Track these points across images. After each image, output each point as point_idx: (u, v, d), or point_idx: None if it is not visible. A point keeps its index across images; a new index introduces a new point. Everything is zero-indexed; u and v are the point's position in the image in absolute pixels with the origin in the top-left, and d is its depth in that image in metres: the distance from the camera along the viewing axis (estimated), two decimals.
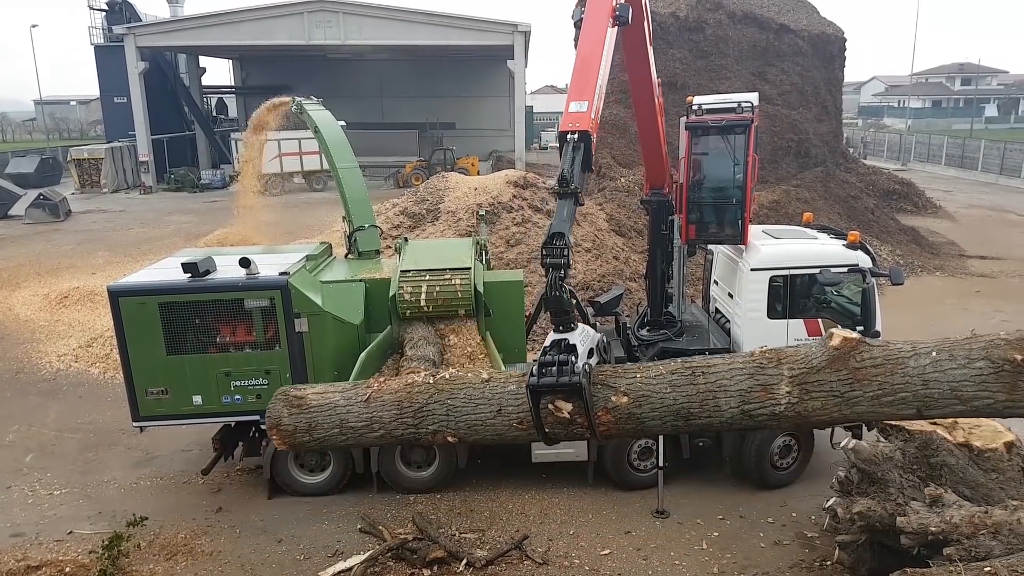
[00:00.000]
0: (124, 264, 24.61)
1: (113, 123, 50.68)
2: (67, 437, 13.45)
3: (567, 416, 6.70)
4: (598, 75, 8.08)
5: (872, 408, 6.21)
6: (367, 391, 7.31)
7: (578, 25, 8.72)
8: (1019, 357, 5.54)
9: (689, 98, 11.57)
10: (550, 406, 6.72)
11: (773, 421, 6.50)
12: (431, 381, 7.31)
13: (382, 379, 7.60)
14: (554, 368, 6.57)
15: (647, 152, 11.94)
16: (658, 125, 11.47)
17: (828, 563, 9.04)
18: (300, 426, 7.26)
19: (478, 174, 36.72)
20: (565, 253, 6.92)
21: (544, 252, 6.94)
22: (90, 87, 60.12)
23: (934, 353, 6.02)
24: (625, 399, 6.70)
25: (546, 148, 64.58)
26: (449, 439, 7.38)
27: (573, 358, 6.64)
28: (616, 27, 8.69)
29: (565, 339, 6.81)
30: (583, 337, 6.92)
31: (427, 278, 11.01)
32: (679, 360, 6.95)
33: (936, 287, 22.62)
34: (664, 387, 6.67)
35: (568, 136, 7.57)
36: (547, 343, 6.90)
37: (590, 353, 6.93)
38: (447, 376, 7.39)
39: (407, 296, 11.00)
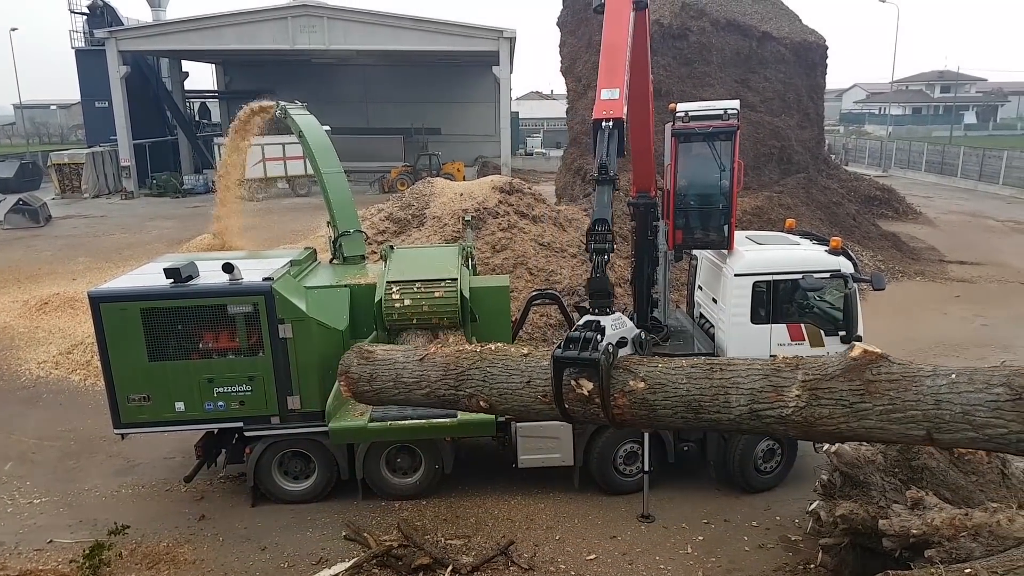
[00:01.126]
0: (105, 270, 24.42)
1: (94, 128, 50.24)
2: (47, 445, 13.31)
3: (586, 394, 6.85)
4: (625, 60, 8.24)
5: (880, 424, 6.15)
6: (424, 352, 8.14)
7: (599, 10, 8.83)
8: None
9: (672, 105, 11.64)
10: (572, 382, 6.86)
11: (780, 425, 6.53)
12: (478, 349, 7.99)
13: (439, 344, 8.79)
14: (579, 343, 6.74)
15: (636, 150, 12.01)
16: (650, 121, 11.55)
17: (812, 566, 9.09)
18: (363, 376, 8.15)
19: (464, 179, 36.73)
20: (608, 238, 7.24)
21: (588, 238, 7.26)
22: (71, 91, 59.44)
23: (953, 375, 5.97)
24: (642, 384, 6.82)
25: (531, 154, 64.72)
26: (482, 404, 7.93)
27: (599, 336, 6.79)
28: (636, 11, 8.85)
29: (597, 320, 7.01)
30: (617, 323, 7.12)
31: (414, 290, 11.03)
32: (704, 357, 7.06)
33: (917, 292, 22.83)
34: (681, 377, 6.79)
35: (603, 124, 7.75)
36: (581, 321, 7.13)
37: (624, 342, 7.09)
38: (492, 347, 7.98)
39: (394, 308, 11.01)
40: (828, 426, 6.34)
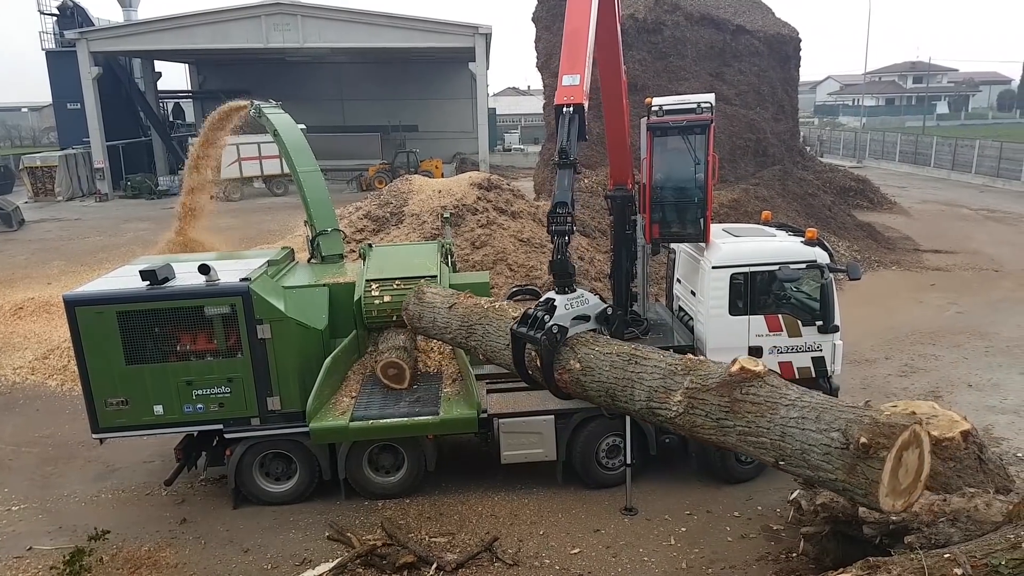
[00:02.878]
0: (80, 273, 24.10)
1: (67, 130, 49.54)
2: (24, 451, 13.14)
3: (538, 365, 7.44)
4: (587, 46, 8.35)
5: (739, 443, 6.17)
6: (454, 301, 9.61)
7: None
8: (864, 440, 5.43)
9: (648, 100, 11.68)
10: (533, 352, 7.48)
11: (668, 425, 6.74)
12: (486, 306, 9.12)
13: (467, 294, 9.81)
14: (532, 321, 7.33)
15: (612, 142, 12.05)
16: (625, 114, 11.57)
17: (793, 554, 9.18)
18: (415, 312, 10.11)
19: (442, 176, 36.64)
20: (568, 220, 7.54)
21: (550, 220, 7.55)
22: (42, 93, 58.54)
23: (806, 410, 5.95)
24: (578, 366, 7.23)
25: (509, 150, 64.67)
26: (481, 356, 9.25)
27: (547, 317, 7.20)
28: None
29: (552, 299, 7.40)
30: (577, 301, 7.46)
31: (393, 287, 11.00)
32: (634, 345, 7.34)
33: (892, 281, 23.10)
34: (605, 364, 7.13)
35: (564, 109, 7.98)
36: (543, 299, 7.56)
37: (586, 319, 7.44)
38: (497, 306, 8.99)
39: (374, 306, 10.98)
40: (704, 435, 6.42)
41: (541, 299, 7.58)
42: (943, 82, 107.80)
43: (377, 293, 10.95)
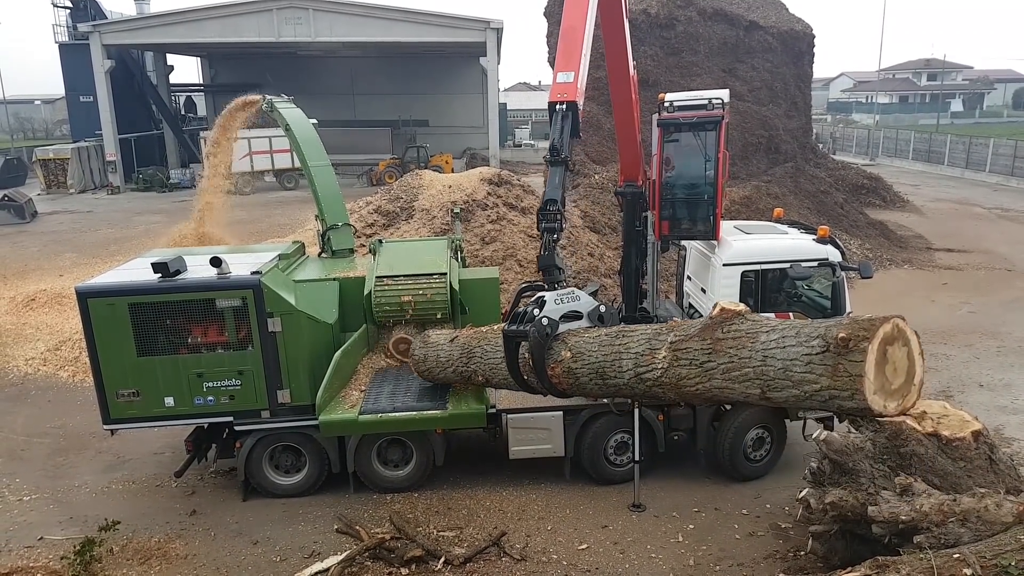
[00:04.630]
0: (92, 265, 24.23)
1: (79, 122, 49.80)
2: (36, 442, 13.23)
3: (531, 364, 7.52)
4: (583, 44, 8.35)
5: (725, 383, 6.17)
6: (456, 335, 9.99)
7: None
8: (842, 335, 5.34)
9: (661, 95, 11.65)
10: (525, 354, 7.47)
11: (657, 387, 6.75)
12: (485, 330, 9.32)
13: (470, 326, 10.24)
14: (522, 318, 7.37)
15: (621, 136, 12.02)
16: (633, 104, 11.53)
17: (802, 553, 9.15)
18: (420, 356, 10.39)
19: (452, 172, 36.65)
20: (558, 217, 7.57)
21: (539, 216, 7.57)
22: (55, 86, 58.87)
23: (785, 330, 5.89)
24: (569, 354, 7.30)
25: (520, 145, 64.57)
26: (479, 379, 9.37)
27: (536, 311, 7.24)
28: None
29: (542, 296, 7.45)
30: (568, 297, 7.47)
31: (403, 284, 11.01)
32: (622, 325, 7.42)
33: (904, 280, 22.98)
34: (594, 345, 7.20)
35: (557, 106, 8.03)
36: (534, 297, 7.61)
37: (579, 316, 7.45)
38: (495, 328, 9.12)
39: (384, 301, 10.99)
40: (690, 387, 6.44)
41: (534, 297, 7.65)
42: (958, 79, 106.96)
43: (387, 290, 10.98)
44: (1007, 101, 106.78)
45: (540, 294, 7.57)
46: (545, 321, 7.24)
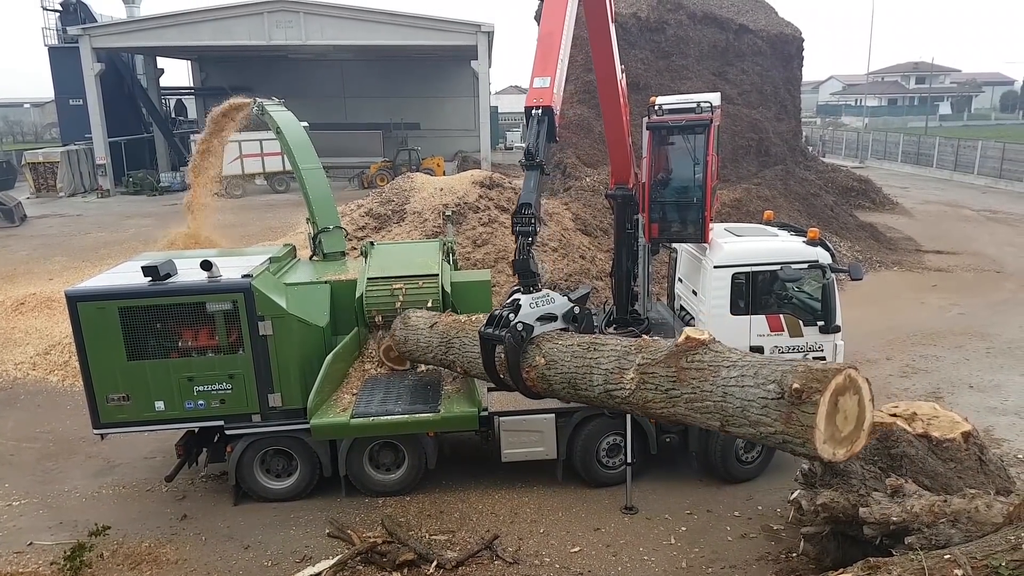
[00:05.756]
0: (82, 269, 24.11)
1: (69, 126, 49.55)
2: (25, 447, 13.15)
3: (507, 366, 7.55)
4: (560, 49, 8.43)
5: (688, 411, 6.26)
6: (435, 320, 9.98)
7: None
8: (796, 386, 5.45)
9: (652, 99, 11.67)
10: (502, 355, 7.55)
11: (625, 405, 6.83)
12: (463, 320, 9.38)
13: (449, 313, 10.34)
14: (498, 321, 7.45)
15: (611, 139, 12.04)
16: (621, 107, 11.55)
17: (794, 555, 9.18)
18: (401, 337, 10.41)
19: (444, 174, 36.62)
20: (532, 221, 7.66)
21: (514, 221, 7.65)
22: (44, 89, 58.59)
23: (745, 368, 5.98)
24: (542, 360, 7.35)
25: (511, 148, 64.62)
26: (458, 370, 9.59)
27: (512, 315, 7.33)
28: None
29: (517, 299, 7.54)
30: (543, 300, 7.55)
31: (395, 285, 11.00)
32: (594, 335, 7.46)
33: (894, 282, 23.08)
34: (567, 355, 7.23)
35: (532, 111, 8.11)
36: (507, 300, 7.68)
37: (553, 319, 7.52)
38: (474, 318, 9.16)
39: (376, 304, 10.98)
40: (656, 410, 6.51)
41: (508, 299, 7.70)
42: (946, 83, 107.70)
43: (379, 292, 10.96)
44: (995, 104, 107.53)
45: (515, 296, 7.61)
46: (520, 327, 7.32)
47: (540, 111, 8.10)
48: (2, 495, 11.50)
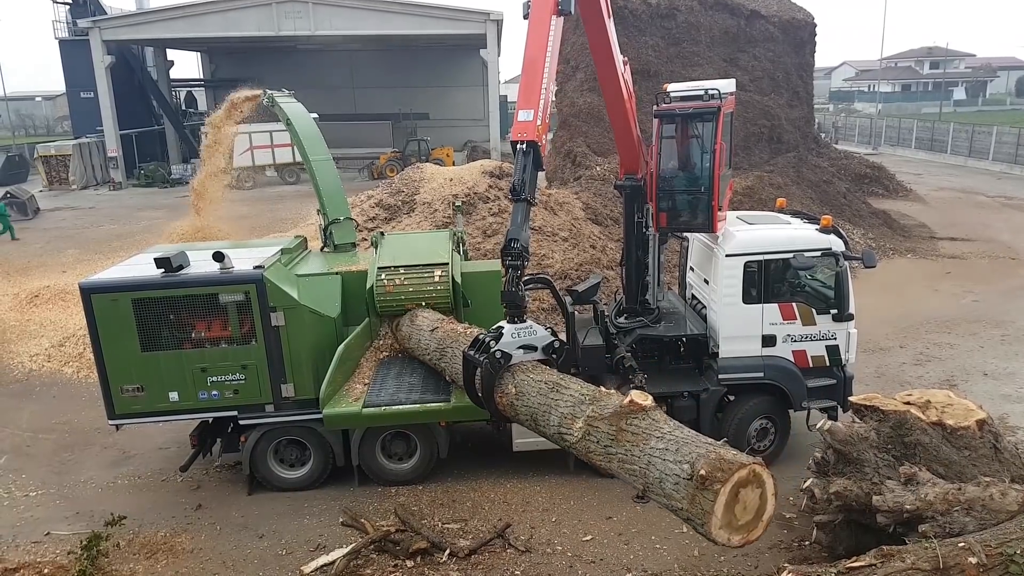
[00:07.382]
0: (95, 261, 24.28)
1: (80, 118, 49.83)
2: (41, 438, 13.28)
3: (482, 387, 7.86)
4: (543, 78, 8.58)
5: (619, 469, 6.62)
6: (437, 325, 10.24)
7: (528, 17, 8.94)
8: (703, 472, 5.61)
9: (664, 86, 11.58)
10: (479, 378, 7.87)
11: (572, 450, 7.26)
12: (460, 330, 9.66)
13: (450, 320, 10.60)
14: (480, 345, 7.82)
15: (617, 131, 11.95)
16: (624, 100, 11.43)
17: (806, 543, 9.17)
18: (405, 333, 10.77)
19: (453, 164, 36.60)
20: (523, 256, 7.86)
21: (503, 254, 7.89)
22: (56, 82, 58.89)
23: (671, 443, 6.15)
24: (514, 390, 7.62)
25: None
26: (447, 378, 9.92)
27: (493, 342, 7.64)
28: (561, 16, 8.94)
29: (501, 326, 7.82)
30: (525, 332, 7.82)
31: (405, 274, 11.01)
32: (560, 375, 7.65)
33: (908, 269, 22.93)
34: (534, 390, 7.49)
35: (519, 145, 8.27)
36: (495, 326, 7.96)
37: (534, 349, 7.80)
38: (470, 330, 9.44)
39: (386, 294, 10.99)
40: (595, 461, 6.82)
41: (493, 327, 7.97)
42: (960, 68, 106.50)
43: (390, 283, 10.98)
44: (1010, 89, 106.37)
45: (499, 324, 7.89)
46: (499, 354, 7.60)
47: (525, 145, 8.22)
48: (20, 486, 11.62)
